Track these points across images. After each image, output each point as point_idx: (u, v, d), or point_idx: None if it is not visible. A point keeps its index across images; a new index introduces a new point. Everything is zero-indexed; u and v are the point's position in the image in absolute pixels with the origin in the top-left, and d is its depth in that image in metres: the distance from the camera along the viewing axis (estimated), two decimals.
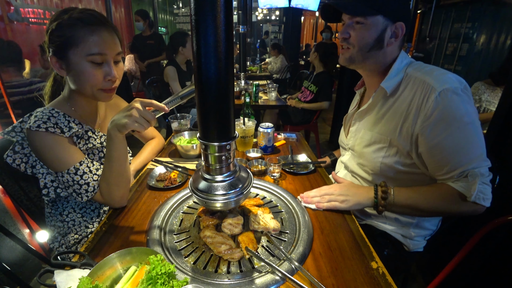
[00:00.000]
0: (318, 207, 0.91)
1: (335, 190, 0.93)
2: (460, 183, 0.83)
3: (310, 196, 0.94)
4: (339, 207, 0.90)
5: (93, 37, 0.82)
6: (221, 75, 0.57)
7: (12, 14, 4.61)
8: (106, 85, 0.89)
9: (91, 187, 0.90)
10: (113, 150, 0.84)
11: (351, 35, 0.93)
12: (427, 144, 0.85)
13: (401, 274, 1.15)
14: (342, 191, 0.93)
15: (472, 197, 0.80)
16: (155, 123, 0.81)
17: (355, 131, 1.09)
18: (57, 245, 1.03)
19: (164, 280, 0.54)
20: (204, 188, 0.69)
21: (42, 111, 0.88)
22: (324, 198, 0.92)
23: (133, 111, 0.78)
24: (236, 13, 1.78)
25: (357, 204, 0.91)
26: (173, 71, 2.73)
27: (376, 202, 0.89)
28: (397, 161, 0.95)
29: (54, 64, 0.87)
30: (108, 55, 0.86)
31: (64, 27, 0.82)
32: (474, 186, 0.80)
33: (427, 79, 0.86)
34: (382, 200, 0.88)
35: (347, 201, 0.90)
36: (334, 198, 0.91)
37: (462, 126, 0.81)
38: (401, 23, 0.90)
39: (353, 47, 0.94)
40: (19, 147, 0.90)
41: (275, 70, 5.88)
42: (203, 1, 0.51)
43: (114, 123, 0.80)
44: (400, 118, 0.90)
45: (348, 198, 0.90)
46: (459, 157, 0.82)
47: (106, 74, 0.87)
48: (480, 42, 5.03)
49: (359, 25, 0.91)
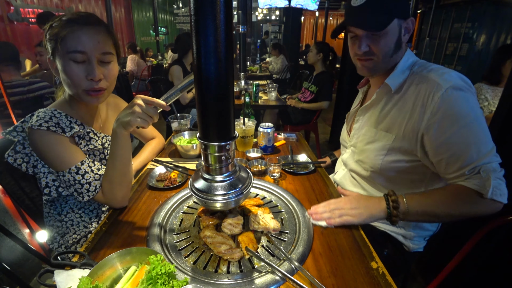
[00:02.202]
0: (330, 223, 0.83)
1: (345, 204, 0.87)
2: (474, 181, 0.79)
3: (319, 212, 0.86)
4: (352, 221, 0.83)
5: (74, 34, 0.82)
6: (221, 75, 0.57)
7: (12, 14, 4.62)
8: (89, 86, 0.87)
9: (93, 187, 0.90)
10: (118, 149, 0.85)
11: (370, 46, 0.91)
12: (434, 142, 0.84)
13: (401, 274, 1.15)
14: (353, 204, 0.87)
15: (489, 194, 0.76)
16: (157, 118, 0.82)
17: (359, 128, 1.09)
18: (56, 246, 1.03)
19: (164, 280, 0.54)
20: (204, 188, 0.69)
21: (45, 111, 0.88)
22: (335, 213, 0.85)
23: (136, 107, 0.78)
24: (236, 13, 1.78)
25: (370, 217, 0.85)
26: (179, 70, 2.74)
27: (390, 213, 0.84)
28: (398, 160, 0.95)
29: (52, 65, 0.88)
30: (90, 54, 0.84)
31: (54, 28, 0.83)
32: (489, 181, 0.76)
33: (433, 77, 0.85)
34: (394, 210, 0.83)
35: (360, 215, 0.84)
36: (345, 213, 0.85)
37: (470, 122, 0.79)
38: (411, 18, 0.90)
39: (376, 58, 0.92)
40: (20, 147, 0.90)
41: (276, 70, 5.87)
42: (203, 1, 0.51)
43: (119, 121, 0.81)
44: (405, 116, 0.90)
45: (360, 212, 0.84)
46: (470, 153, 0.80)
47: (87, 73, 0.85)
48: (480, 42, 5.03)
49: (377, 35, 0.88)
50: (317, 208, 0.88)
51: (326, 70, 3.07)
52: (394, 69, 0.94)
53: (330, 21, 12.87)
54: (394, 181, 1.00)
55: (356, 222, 0.83)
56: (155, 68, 5.59)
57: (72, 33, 0.82)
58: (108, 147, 1.05)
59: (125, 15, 9.04)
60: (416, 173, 0.95)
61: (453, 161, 0.82)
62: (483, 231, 0.90)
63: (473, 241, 0.90)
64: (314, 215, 0.86)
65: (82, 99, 0.90)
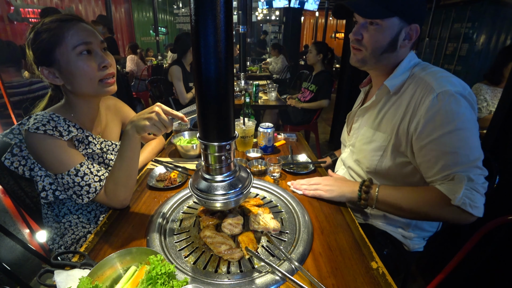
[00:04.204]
0: (304, 194, 0.99)
1: (323, 181, 0.99)
2: (445, 185, 0.79)
3: (300, 183, 1.02)
4: (323, 195, 0.95)
5: (72, 30, 0.83)
6: (221, 75, 0.57)
7: (12, 14, 4.62)
8: (103, 74, 0.88)
9: (92, 188, 0.89)
10: (128, 150, 0.85)
11: (364, 36, 0.90)
12: (418, 144, 0.85)
13: (401, 274, 1.15)
14: (329, 182, 0.98)
15: (455, 200, 0.75)
16: (171, 129, 0.82)
17: (358, 128, 1.09)
18: (56, 247, 1.02)
19: (164, 280, 0.54)
20: (204, 188, 0.69)
21: (43, 115, 0.87)
22: (311, 186, 0.98)
23: (153, 114, 0.79)
24: (236, 13, 1.78)
25: (341, 196, 0.94)
26: (178, 71, 2.73)
27: (359, 196, 0.91)
28: (393, 162, 0.95)
29: (47, 76, 0.87)
30: (93, 43, 0.86)
31: (42, 32, 0.82)
32: (460, 189, 0.75)
33: (429, 80, 0.85)
34: (364, 194, 0.90)
35: (331, 191, 0.95)
36: (320, 187, 0.97)
37: (455, 129, 0.78)
38: (416, 25, 0.88)
39: (365, 50, 0.92)
40: (17, 150, 0.89)
41: (276, 70, 5.87)
42: (203, 1, 0.51)
43: (134, 124, 0.81)
44: (399, 117, 0.90)
45: (333, 189, 0.95)
46: (448, 160, 0.80)
47: (99, 62, 0.86)
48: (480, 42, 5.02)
49: (374, 26, 0.88)
50: (300, 181, 1.03)
51: (325, 70, 3.08)
52: (395, 71, 0.93)
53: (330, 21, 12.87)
54: (390, 181, 1.00)
55: (326, 196, 0.95)
56: (155, 68, 5.59)
57: (69, 29, 0.83)
58: (107, 152, 1.05)
59: (125, 15, 9.03)
60: (411, 175, 0.95)
61: (431, 165, 0.83)
62: (483, 231, 0.90)
63: (473, 241, 0.90)
64: (295, 184, 1.03)
65: (99, 92, 0.90)
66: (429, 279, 0.96)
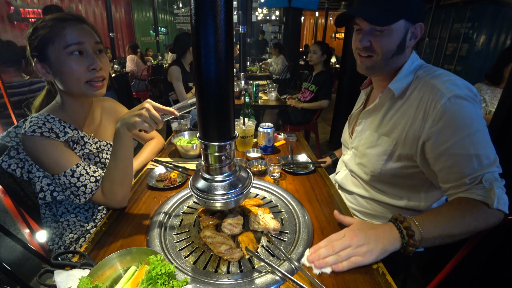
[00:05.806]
0: (337, 269, 0.67)
1: (351, 240, 0.70)
2: (477, 191, 0.76)
3: (321, 255, 0.69)
4: (364, 262, 0.68)
5: (67, 29, 0.84)
6: (221, 75, 0.57)
7: (12, 14, 4.62)
8: (91, 76, 0.88)
9: (89, 189, 0.89)
10: (121, 149, 0.85)
11: (372, 42, 0.89)
12: (435, 151, 0.82)
13: (401, 274, 1.15)
14: (360, 239, 0.70)
15: (495, 203, 0.73)
16: (162, 125, 0.82)
17: (361, 131, 1.08)
18: (56, 247, 1.03)
19: (164, 280, 0.54)
20: (204, 188, 0.69)
21: (38, 117, 0.88)
22: (341, 255, 0.68)
23: (144, 111, 0.78)
24: (236, 13, 1.78)
25: (384, 252, 0.70)
26: (178, 71, 2.73)
27: (405, 243, 0.71)
28: (399, 166, 0.94)
29: (39, 70, 0.88)
30: (86, 44, 0.86)
31: (39, 29, 0.84)
32: (493, 191, 0.74)
33: (437, 84, 0.84)
34: (410, 239, 0.71)
35: (371, 252, 0.68)
36: (354, 253, 0.69)
37: (472, 133, 0.77)
38: (421, 24, 0.88)
39: (376, 55, 0.90)
40: (14, 152, 0.90)
41: (277, 71, 5.86)
42: (203, 1, 0.51)
43: (124, 121, 0.81)
44: (407, 122, 0.89)
45: (370, 248, 0.69)
46: (472, 164, 0.77)
47: (88, 64, 0.86)
48: (480, 42, 5.02)
49: (381, 32, 0.87)
50: (318, 251, 0.70)
51: (325, 70, 3.08)
52: (398, 73, 0.92)
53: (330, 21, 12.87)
54: (394, 185, 0.99)
55: (367, 262, 0.68)
56: (155, 68, 5.59)
57: (64, 28, 0.83)
58: (103, 152, 1.05)
59: (125, 15, 9.04)
60: (416, 178, 0.94)
61: (454, 170, 0.80)
62: (483, 231, 0.90)
63: (473, 241, 0.90)
64: (317, 261, 0.68)
65: (85, 92, 0.90)
66: (429, 279, 0.96)
